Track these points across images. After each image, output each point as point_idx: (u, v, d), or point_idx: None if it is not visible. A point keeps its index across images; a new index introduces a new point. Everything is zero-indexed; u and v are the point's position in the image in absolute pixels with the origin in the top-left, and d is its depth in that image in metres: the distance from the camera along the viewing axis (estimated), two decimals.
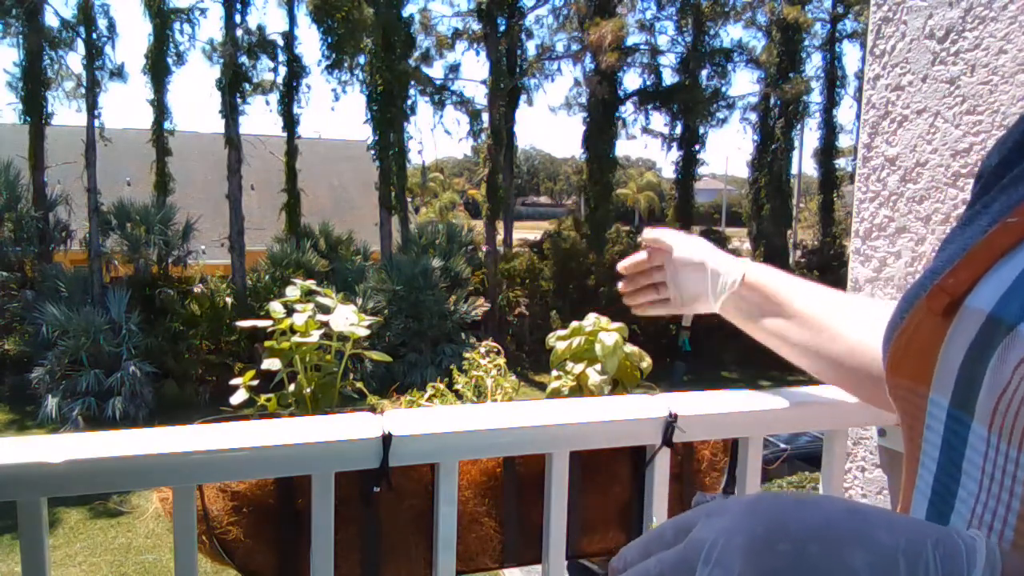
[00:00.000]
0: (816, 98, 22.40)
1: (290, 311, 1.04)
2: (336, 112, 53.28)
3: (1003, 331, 0.47)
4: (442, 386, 1.08)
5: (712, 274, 0.94)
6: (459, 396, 1.08)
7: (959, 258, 0.54)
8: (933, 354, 0.51)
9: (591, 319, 1.05)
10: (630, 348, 1.02)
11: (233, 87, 16.69)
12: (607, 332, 1.02)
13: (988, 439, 0.46)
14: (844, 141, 22.54)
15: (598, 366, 1.01)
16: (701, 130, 22.30)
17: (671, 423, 0.90)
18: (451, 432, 0.84)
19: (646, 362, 1.01)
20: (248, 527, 0.86)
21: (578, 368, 1.02)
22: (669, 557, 0.41)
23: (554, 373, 1.06)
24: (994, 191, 0.56)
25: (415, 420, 0.84)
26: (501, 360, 1.12)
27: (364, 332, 1.03)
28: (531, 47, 21.67)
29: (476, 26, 20.08)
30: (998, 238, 0.52)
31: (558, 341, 1.06)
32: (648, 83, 22.27)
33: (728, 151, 71.96)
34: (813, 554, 0.37)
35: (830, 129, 22.41)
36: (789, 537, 0.38)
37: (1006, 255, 0.50)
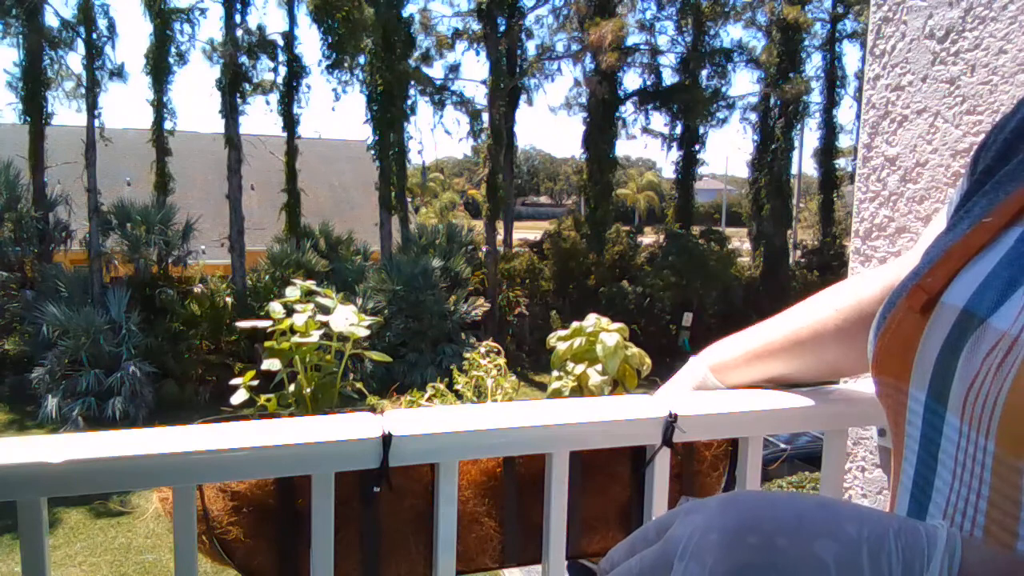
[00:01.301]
0: (816, 98, 22.43)
1: (290, 311, 1.04)
2: (336, 112, 53.31)
3: (975, 324, 0.48)
4: (442, 386, 1.08)
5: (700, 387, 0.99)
6: (459, 396, 1.08)
7: (937, 259, 0.55)
8: (912, 350, 0.53)
9: (592, 320, 1.05)
10: (631, 349, 1.02)
11: (233, 87, 16.69)
12: (608, 333, 1.02)
13: (960, 429, 0.48)
14: (844, 141, 22.56)
15: (599, 367, 1.01)
16: (701, 130, 22.31)
17: (671, 423, 0.90)
18: (451, 432, 0.84)
19: (647, 363, 1.01)
20: (248, 527, 0.86)
21: (579, 369, 1.02)
22: (649, 554, 0.43)
23: (555, 374, 1.06)
24: (976, 197, 0.58)
25: (415, 420, 0.84)
26: (501, 360, 1.12)
27: (364, 332, 1.03)
28: (531, 47, 21.70)
29: (476, 26, 20.08)
30: (974, 238, 0.54)
31: (559, 341, 1.06)
32: (648, 83, 22.27)
33: (728, 151, 72.04)
34: (781, 546, 0.39)
35: (830, 129, 22.41)
36: (759, 531, 0.40)
37: (980, 253, 0.52)
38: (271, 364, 1.02)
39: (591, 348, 1.02)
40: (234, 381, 1.02)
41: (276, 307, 1.04)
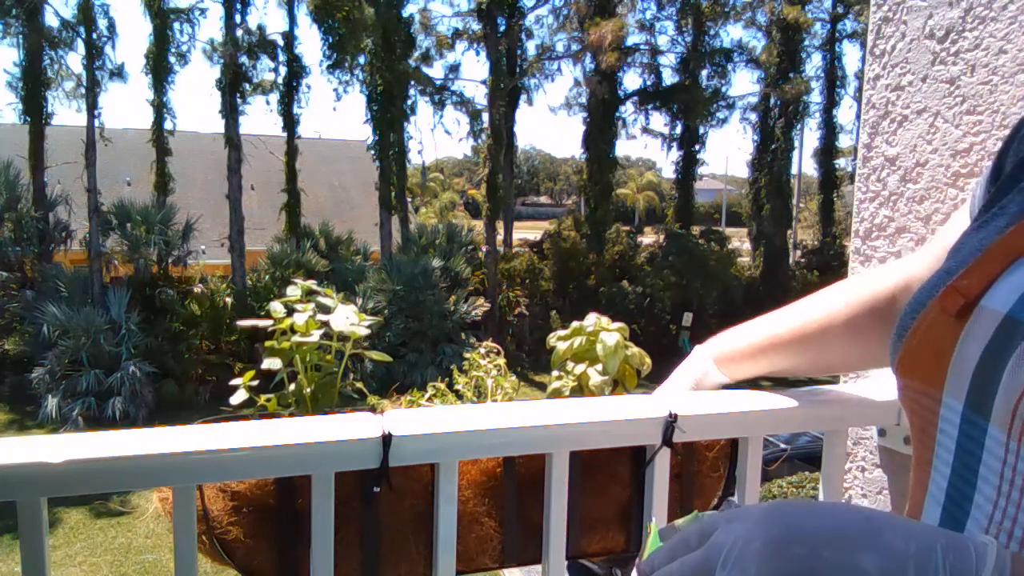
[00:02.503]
0: (816, 98, 22.42)
1: (290, 311, 1.04)
2: (336, 112, 53.29)
3: (1021, 332, 0.46)
4: (442, 386, 1.08)
5: (697, 384, 0.98)
6: (459, 396, 1.08)
7: (973, 259, 0.53)
8: (946, 356, 0.50)
9: (592, 319, 1.05)
10: (631, 349, 1.02)
11: (233, 87, 16.69)
12: (608, 332, 1.02)
13: (1007, 444, 0.45)
14: (844, 141, 22.55)
15: (599, 366, 1.01)
16: (701, 130, 22.31)
17: (671, 423, 0.90)
18: (451, 432, 0.84)
19: (647, 363, 1.01)
20: (248, 527, 0.86)
21: (579, 368, 1.02)
22: (691, 560, 0.42)
23: (555, 373, 1.05)
24: (1012, 194, 0.55)
25: (415, 420, 0.84)
26: (501, 360, 1.12)
27: (364, 332, 1.03)
28: (531, 47, 21.68)
29: (476, 26, 20.07)
30: (1014, 240, 0.51)
31: (559, 341, 1.06)
32: (648, 83, 22.27)
33: (728, 151, 71.93)
34: (826, 558, 0.38)
35: (830, 129, 22.40)
36: (804, 542, 0.39)
37: (1023, 256, 0.50)
38: (271, 364, 1.01)
39: (591, 348, 1.02)
40: (234, 381, 1.02)
41: (276, 307, 1.04)
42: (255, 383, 1.00)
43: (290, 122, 18.07)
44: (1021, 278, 0.49)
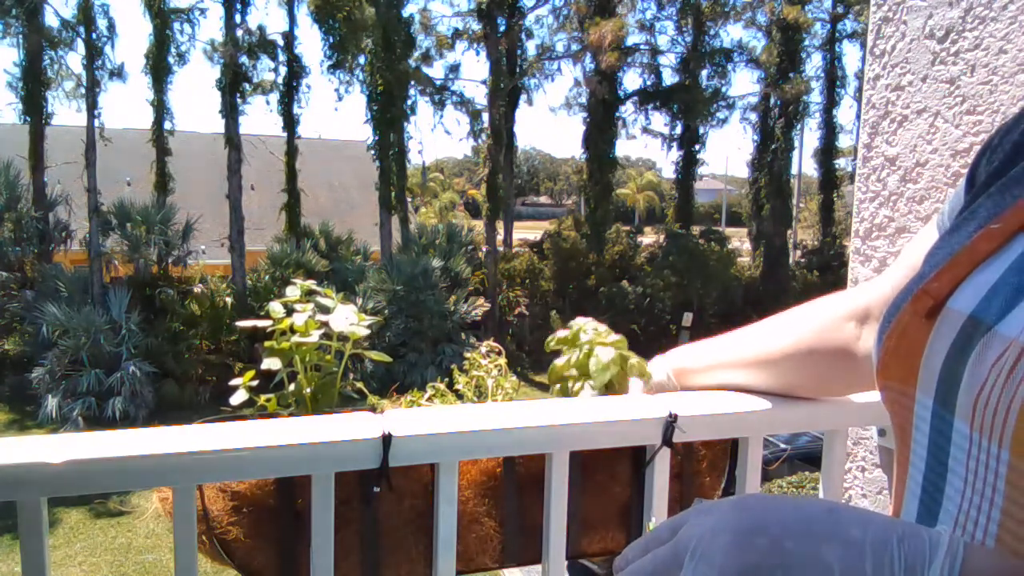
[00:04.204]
0: (816, 98, 22.43)
1: (290, 311, 1.04)
2: (336, 112, 53.27)
3: (982, 331, 0.48)
4: (442, 386, 1.08)
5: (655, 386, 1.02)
6: (459, 396, 1.08)
7: (945, 263, 0.55)
8: (918, 355, 0.53)
9: (590, 329, 1.02)
10: (632, 360, 0.99)
11: (233, 87, 16.69)
12: (604, 347, 0.99)
13: (970, 436, 0.47)
14: (844, 141, 22.56)
15: (591, 382, 0.99)
16: (701, 130, 22.31)
17: (671, 423, 0.90)
18: (451, 432, 0.84)
19: (648, 374, 0.99)
20: (248, 527, 0.86)
21: (577, 385, 1.00)
22: (661, 553, 0.44)
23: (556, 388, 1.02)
24: (981, 199, 0.58)
25: (415, 420, 0.84)
26: (502, 360, 1.11)
27: (364, 332, 1.03)
28: (531, 47, 21.70)
29: (476, 26, 20.08)
30: (981, 243, 0.53)
31: (558, 345, 1.04)
32: (648, 83, 22.27)
33: (728, 151, 71.95)
34: (789, 549, 0.40)
35: (830, 129, 22.41)
36: (768, 533, 0.41)
37: (988, 259, 0.52)
38: (271, 364, 1.01)
39: (588, 362, 1.00)
40: (234, 381, 1.01)
41: (276, 307, 1.04)
42: (255, 383, 1.00)
43: (290, 122, 18.07)
44: (984, 280, 0.51)
